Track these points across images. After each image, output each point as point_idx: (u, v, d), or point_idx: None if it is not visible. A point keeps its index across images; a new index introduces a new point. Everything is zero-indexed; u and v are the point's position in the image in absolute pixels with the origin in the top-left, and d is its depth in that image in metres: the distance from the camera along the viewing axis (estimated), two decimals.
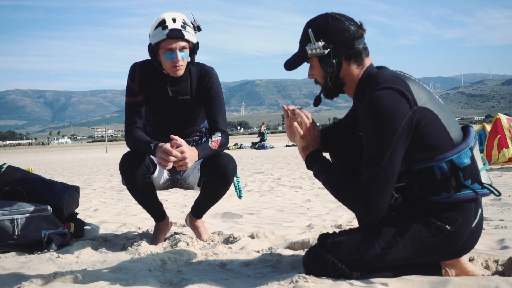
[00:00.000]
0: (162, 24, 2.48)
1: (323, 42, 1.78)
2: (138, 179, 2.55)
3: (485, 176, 1.79)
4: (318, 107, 2.09)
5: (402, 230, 1.76)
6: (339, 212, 3.80)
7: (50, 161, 20.06)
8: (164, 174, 2.76)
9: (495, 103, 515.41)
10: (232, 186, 2.74)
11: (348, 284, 1.72)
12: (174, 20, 2.49)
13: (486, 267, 1.98)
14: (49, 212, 2.77)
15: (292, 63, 1.89)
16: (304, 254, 1.95)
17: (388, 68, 1.87)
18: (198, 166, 2.71)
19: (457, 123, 1.81)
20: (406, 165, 1.77)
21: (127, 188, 2.64)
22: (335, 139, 2.04)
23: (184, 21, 2.52)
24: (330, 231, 2.13)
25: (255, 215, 3.90)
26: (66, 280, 1.96)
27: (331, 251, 1.79)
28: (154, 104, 2.68)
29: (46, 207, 2.78)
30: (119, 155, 20.31)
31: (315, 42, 1.79)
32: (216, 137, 2.59)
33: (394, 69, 1.88)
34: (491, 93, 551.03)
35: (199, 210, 2.83)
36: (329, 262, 1.78)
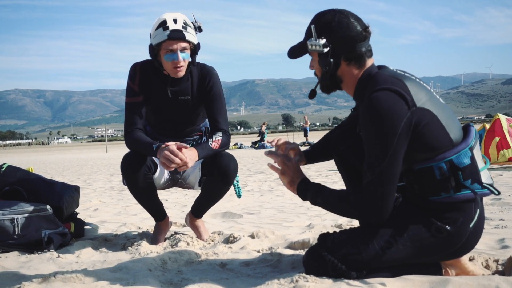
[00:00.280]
0: (163, 24, 2.46)
1: (324, 40, 1.78)
2: (139, 180, 2.55)
3: (486, 176, 1.78)
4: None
5: (402, 230, 1.76)
6: None
7: (50, 161, 20.05)
8: (164, 174, 2.76)
9: (495, 102, 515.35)
10: None
11: (348, 284, 1.72)
12: (175, 20, 2.47)
13: (486, 267, 1.98)
14: (49, 212, 2.77)
15: (294, 52, 1.92)
16: (304, 253, 1.95)
17: (389, 67, 1.86)
18: (199, 166, 2.71)
19: (457, 123, 1.79)
20: (407, 165, 1.77)
21: (128, 188, 2.64)
22: (337, 138, 2.03)
23: (185, 21, 2.51)
24: (330, 230, 2.13)
25: (255, 214, 3.90)
26: (66, 280, 1.96)
27: (331, 251, 1.79)
28: (155, 104, 2.68)
29: (46, 207, 2.78)
30: (119, 154, 20.32)
31: (316, 38, 1.79)
32: (217, 137, 2.59)
33: (395, 68, 1.87)
34: (491, 92, 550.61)
35: (199, 209, 2.83)
36: (329, 262, 1.77)
